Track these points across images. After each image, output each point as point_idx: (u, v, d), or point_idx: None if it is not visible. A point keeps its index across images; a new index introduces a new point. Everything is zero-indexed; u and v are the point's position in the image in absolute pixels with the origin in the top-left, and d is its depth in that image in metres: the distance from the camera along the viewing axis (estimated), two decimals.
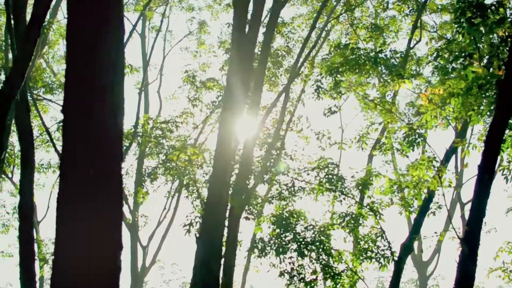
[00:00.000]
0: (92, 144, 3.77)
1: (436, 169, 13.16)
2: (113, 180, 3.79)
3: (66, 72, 3.83)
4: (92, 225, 3.69)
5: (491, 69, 11.61)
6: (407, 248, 14.20)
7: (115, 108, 3.80)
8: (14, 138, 21.83)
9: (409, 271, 28.93)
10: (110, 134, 3.80)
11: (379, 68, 15.06)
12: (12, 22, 13.28)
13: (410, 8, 20.43)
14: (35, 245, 14.30)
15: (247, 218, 15.53)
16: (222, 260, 11.06)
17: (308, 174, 14.95)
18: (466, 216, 22.43)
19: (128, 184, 22.32)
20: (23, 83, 9.68)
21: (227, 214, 11.90)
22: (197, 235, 9.48)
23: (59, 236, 3.72)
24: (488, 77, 10.83)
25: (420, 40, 20.06)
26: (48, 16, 18.80)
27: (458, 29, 11.80)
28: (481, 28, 10.18)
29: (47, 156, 30.34)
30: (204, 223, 9.43)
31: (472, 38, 12.15)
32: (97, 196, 3.74)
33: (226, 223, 11.88)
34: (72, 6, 3.83)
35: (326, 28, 22.24)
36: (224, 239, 11.72)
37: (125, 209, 23.08)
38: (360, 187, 15.18)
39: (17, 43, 12.78)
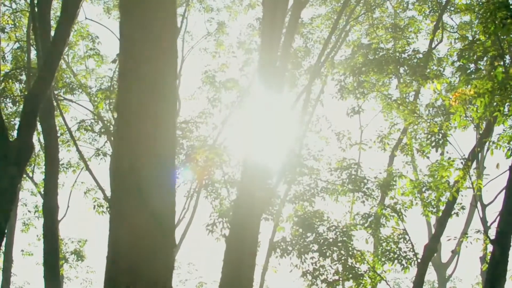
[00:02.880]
0: (146, 142, 3.78)
1: (464, 169, 13.08)
2: (167, 179, 3.80)
3: (120, 69, 3.84)
4: (145, 225, 3.70)
5: None
6: (431, 250, 14.10)
7: (170, 107, 3.81)
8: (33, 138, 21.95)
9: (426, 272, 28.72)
10: (163, 132, 3.81)
11: (402, 68, 15.01)
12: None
13: (430, 9, 20.34)
14: None
15: (266, 219, 15.52)
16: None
17: (331, 174, 14.92)
18: (487, 218, 22.35)
19: None
20: (53, 82, 9.76)
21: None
22: (226, 235, 9.51)
23: (113, 236, 3.73)
24: None
25: (441, 40, 19.94)
26: None
27: (484, 29, 11.75)
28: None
29: (67, 155, 30.40)
30: (233, 223, 9.42)
31: (496, 38, 12.09)
32: (151, 196, 3.75)
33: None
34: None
35: (345, 29, 22.20)
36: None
37: None
38: (383, 188, 15.10)
39: (42, 43, 12.89)
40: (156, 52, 3.84)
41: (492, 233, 14.13)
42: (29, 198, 26.64)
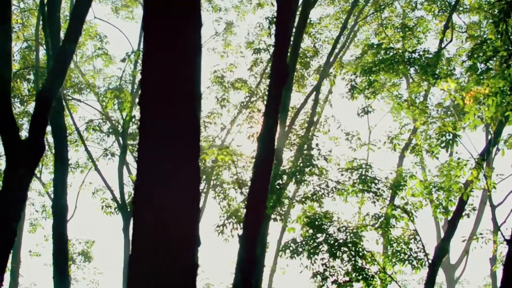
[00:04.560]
0: (170, 136, 3.75)
1: (477, 168, 12.99)
2: (191, 175, 3.75)
3: (143, 63, 3.81)
4: (169, 222, 3.66)
5: None
6: (442, 251, 13.99)
7: (194, 99, 3.78)
8: None
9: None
10: (188, 125, 3.77)
11: (413, 68, 14.94)
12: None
13: (439, 8, 20.23)
14: None
15: (274, 219, 15.44)
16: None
17: (342, 175, 14.83)
18: (497, 219, 22.16)
19: None
20: (63, 81, 9.71)
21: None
22: (239, 235, 9.41)
23: (137, 232, 3.69)
24: None
25: (451, 40, 19.83)
26: None
27: (495, 28, 11.67)
28: None
29: (75, 155, 30.37)
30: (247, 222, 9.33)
31: (507, 38, 12.02)
32: (174, 191, 3.71)
33: None
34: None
35: (354, 29, 22.14)
36: None
37: None
38: (393, 188, 15.01)
39: (52, 43, 12.86)
40: (180, 48, 3.80)
41: (506, 233, 14.07)
42: (36, 198, 26.60)
